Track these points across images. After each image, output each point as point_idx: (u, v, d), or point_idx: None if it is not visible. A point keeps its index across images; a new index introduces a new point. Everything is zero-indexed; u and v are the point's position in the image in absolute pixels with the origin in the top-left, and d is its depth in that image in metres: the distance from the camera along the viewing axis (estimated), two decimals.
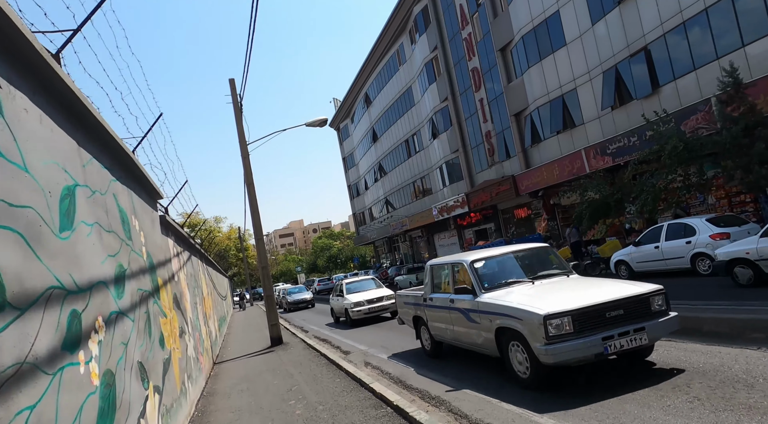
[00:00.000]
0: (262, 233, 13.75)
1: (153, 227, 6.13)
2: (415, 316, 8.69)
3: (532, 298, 5.62)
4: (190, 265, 10.07)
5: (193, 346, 8.30)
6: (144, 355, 4.32)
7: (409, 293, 9.35)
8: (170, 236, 7.65)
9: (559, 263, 6.97)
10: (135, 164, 4.98)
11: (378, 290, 16.12)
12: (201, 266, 13.31)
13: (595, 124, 19.83)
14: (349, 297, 15.86)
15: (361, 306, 15.11)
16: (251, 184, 13.80)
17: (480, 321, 6.16)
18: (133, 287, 4.34)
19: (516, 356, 5.59)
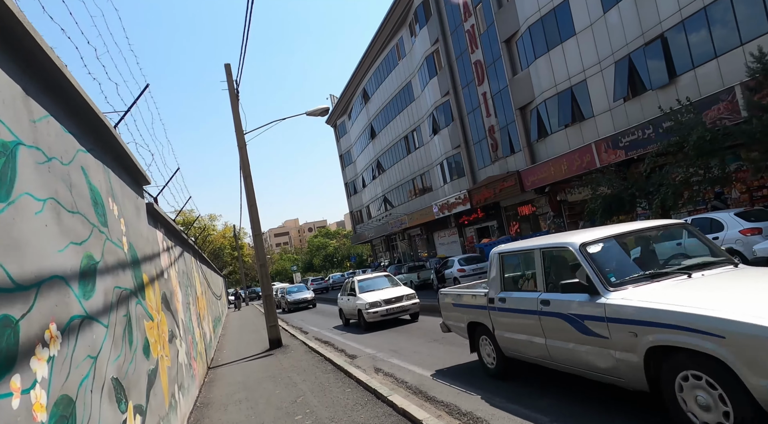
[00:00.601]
0: (260, 228, 12.89)
1: (138, 216, 5.27)
2: (473, 322, 6.51)
3: (725, 300, 3.46)
4: (182, 261, 9.21)
5: (186, 351, 7.45)
6: (122, 369, 3.48)
7: (460, 291, 7.11)
8: (159, 228, 6.79)
9: (711, 247, 4.91)
10: (113, 136, 4.13)
11: (395, 289, 14.29)
12: (194, 264, 12.44)
13: (606, 116, 19.08)
14: (362, 297, 13.97)
15: (378, 307, 13.29)
16: (248, 176, 12.93)
17: (609, 335, 4.05)
18: (108, 285, 3.49)
19: (696, 398, 3.41)
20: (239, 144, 12.97)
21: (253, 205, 12.84)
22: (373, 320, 13.32)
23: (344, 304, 15.47)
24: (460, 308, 6.91)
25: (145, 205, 5.83)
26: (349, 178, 56.37)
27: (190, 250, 11.71)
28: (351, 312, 14.74)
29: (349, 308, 14.80)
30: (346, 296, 15.42)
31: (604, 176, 16.70)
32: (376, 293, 14.03)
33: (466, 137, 29.96)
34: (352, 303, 14.54)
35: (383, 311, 13.24)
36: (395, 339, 11.20)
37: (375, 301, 13.38)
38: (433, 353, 8.71)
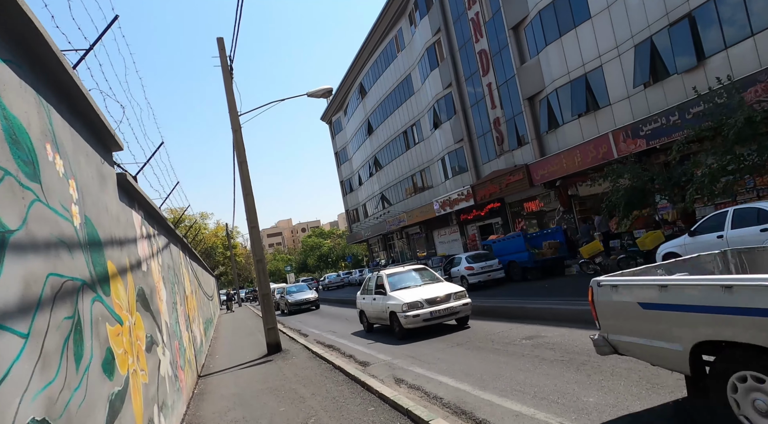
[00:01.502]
0: (256, 219, 11.60)
1: (103, 186, 3.99)
2: (709, 343, 3.46)
3: None
4: (167, 254, 7.91)
5: (170, 360, 6.16)
6: (54, 403, 2.21)
7: (671, 279, 3.80)
8: (137, 209, 5.50)
9: None
10: (56, 59, 2.85)
11: (439, 285, 11.21)
12: (183, 259, 11.13)
13: (624, 104, 17.96)
14: (396, 295, 10.86)
15: (418, 309, 10.21)
16: (244, 162, 11.63)
17: None
18: (34, 270, 2.23)
19: None
20: (233, 127, 11.68)
21: (249, 195, 11.55)
22: (412, 325, 10.25)
23: (368, 305, 12.49)
24: (671, 314, 3.65)
25: (116, 176, 4.55)
26: (345, 176, 55.07)
27: (179, 243, 10.41)
28: (378, 315, 11.85)
29: (376, 310, 11.88)
30: (370, 296, 12.40)
31: (626, 166, 15.57)
32: (413, 291, 10.96)
33: (469, 131, 28.78)
34: (380, 304, 11.57)
35: (426, 315, 10.18)
36: (410, 344, 9.94)
37: (415, 301, 10.35)
38: (461, 360, 7.48)
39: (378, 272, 12.55)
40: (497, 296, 15.20)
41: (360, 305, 13.32)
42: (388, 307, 10.97)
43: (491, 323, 10.66)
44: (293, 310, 24.10)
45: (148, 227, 6.14)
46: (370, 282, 12.71)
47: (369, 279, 12.90)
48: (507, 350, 7.61)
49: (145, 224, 5.88)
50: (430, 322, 10.30)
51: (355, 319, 14.78)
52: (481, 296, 15.39)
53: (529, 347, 7.48)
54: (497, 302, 12.80)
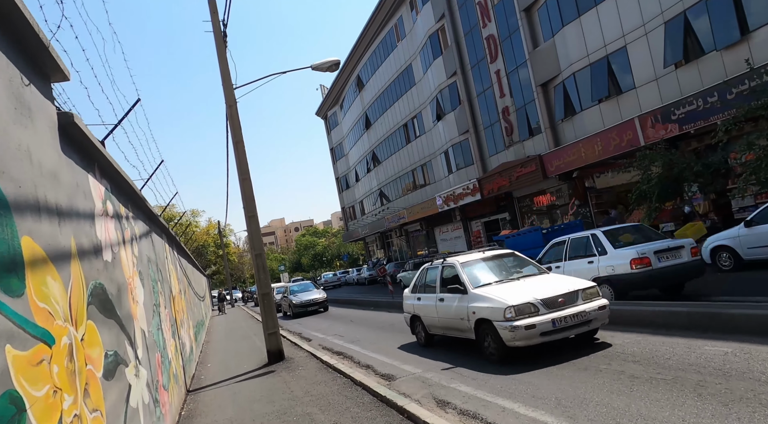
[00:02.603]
0: (255, 207, 10.07)
1: (23, 119, 2.47)
2: None
3: None
4: (148, 245, 6.37)
5: (148, 381, 4.64)
6: None
7: None
8: (98, 176, 3.98)
9: None
10: None
11: (548, 279, 7.46)
12: (170, 254, 9.58)
13: (652, 87, 16.61)
14: (488, 294, 7.01)
15: (533, 316, 6.35)
16: (240, 142, 10.10)
17: None
18: None
19: None
20: (228, 101, 10.14)
21: (246, 179, 10.02)
22: (523, 341, 6.28)
23: (427, 308, 8.58)
24: None
25: (56, 116, 3.02)
26: (341, 173, 53.51)
27: (164, 234, 8.86)
28: (448, 324, 7.93)
29: (446, 315, 7.92)
30: (431, 295, 8.53)
31: (659, 153, 14.20)
32: (513, 287, 7.10)
33: (475, 122, 27.36)
34: (454, 307, 7.60)
35: (545, 325, 6.24)
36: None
37: (525, 303, 6.42)
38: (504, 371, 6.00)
39: (444, 260, 8.65)
40: None
41: (413, 309, 9.23)
42: (475, 312, 6.97)
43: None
44: (298, 312, 20.96)
45: (117, 204, 4.61)
46: (429, 275, 8.94)
47: (426, 271, 9.13)
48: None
49: (111, 199, 4.35)
50: (550, 337, 6.25)
51: (386, 324, 13.17)
52: None
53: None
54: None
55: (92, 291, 3.14)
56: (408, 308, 9.56)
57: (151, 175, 7.69)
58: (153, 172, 7.78)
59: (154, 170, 7.81)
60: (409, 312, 9.50)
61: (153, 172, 7.78)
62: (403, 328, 11.78)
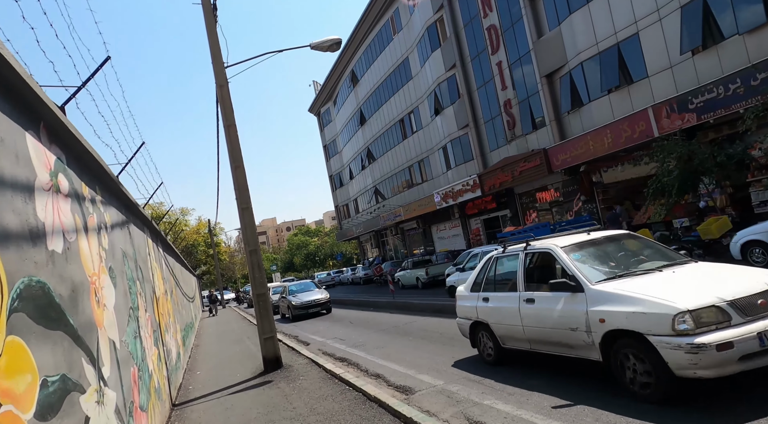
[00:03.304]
0: (249, 198, 9.08)
1: None
2: None
3: None
4: (124, 238, 5.38)
5: (118, 405, 3.68)
6: None
7: None
8: (45, 139, 3.00)
9: None
10: None
11: (719, 271, 5.08)
12: (155, 250, 8.57)
13: (666, 75, 15.81)
14: (639, 292, 4.51)
15: (731, 328, 4.01)
16: (232, 125, 9.11)
17: None
18: None
19: None
20: (218, 81, 9.15)
21: (239, 167, 9.03)
22: (714, 369, 3.96)
23: (505, 313, 6.18)
24: None
25: None
26: (334, 171, 52.47)
27: (146, 228, 7.85)
28: (548, 336, 5.50)
29: (542, 323, 5.55)
30: (512, 294, 6.11)
31: (678, 143, 13.39)
32: (670, 280, 4.76)
33: (475, 115, 26.49)
34: (556, 311, 5.31)
35: (749, 342, 3.94)
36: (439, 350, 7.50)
37: (707, 306, 4.13)
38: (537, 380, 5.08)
39: (527, 245, 6.21)
40: None
41: (475, 313, 6.83)
42: (604, 319, 4.61)
43: None
44: (299, 314, 19.02)
45: (77, 182, 3.63)
46: (503, 266, 6.69)
47: (495, 262, 6.81)
48: None
49: (67, 173, 3.36)
50: (753, 363, 3.96)
51: (390, 327, 12.21)
52: None
53: None
54: None
55: (21, 293, 2.17)
56: (466, 313, 7.16)
57: (131, 159, 6.69)
58: (133, 155, 6.78)
59: (134, 153, 6.81)
60: (467, 318, 7.12)
61: (133, 155, 6.78)
62: (410, 331, 10.86)
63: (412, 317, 13.09)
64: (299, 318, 18.83)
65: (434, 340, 9.27)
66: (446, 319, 11.60)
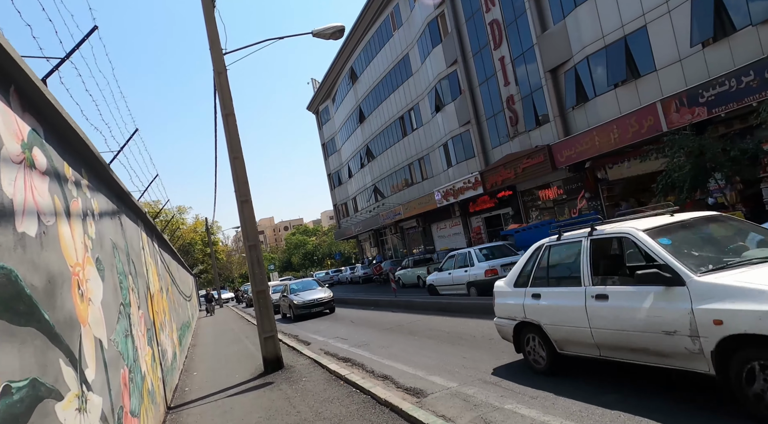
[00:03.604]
0: (248, 191, 8.67)
1: None
2: None
3: None
4: (115, 228, 4.98)
5: (105, 412, 3.28)
6: None
7: None
8: (16, 104, 2.59)
9: None
10: None
11: None
12: (149, 245, 8.15)
13: (675, 69, 15.47)
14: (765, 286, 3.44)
15: None
16: (230, 115, 8.69)
17: None
18: None
19: None
20: (216, 68, 8.74)
21: (237, 158, 8.63)
22: None
23: (566, 312, 5.13)
24: None
25: None
26: (333, 169, 52.04)
27: (140, 221, 7.43)
28: (630, 340, 4.42)
29: (623, 324, 4.44)
30: (576, 289, 5.01)
31: (690, 138, 13.02)
32: None
33: (476, 112, 26.12)
34: (643, 310, 4.21)
35: None
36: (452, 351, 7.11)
37: None
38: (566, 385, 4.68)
39: (592, 230, 5.10)
40: None
41: (523, 312, 5.72)
42: (723, 320, 3.59)
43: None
44: (301, 314, 17.95)
45: (58, 160, 3.22)
46: (557, 255, 5.72)
47: (549, 251, 5.72)
48: None
49: (45, 149, 2.96)
50: None
51: (394, 326, 11.77)
52: None
53: None
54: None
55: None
56: (509, 312, 5.97)
57: (124, 146, 6.28)
58: (126, 142, 6.37)
59: (127, 140, 6.41)
60: (512, 318, 5.91)
61: (126, 142, 6.37)
62: (415, 330, 10.46)
63: (416, 316, 12.70)
64: (301, 318, 17.85)
65: (442, 339, 8.88)
66: (451, 318, 11.23)
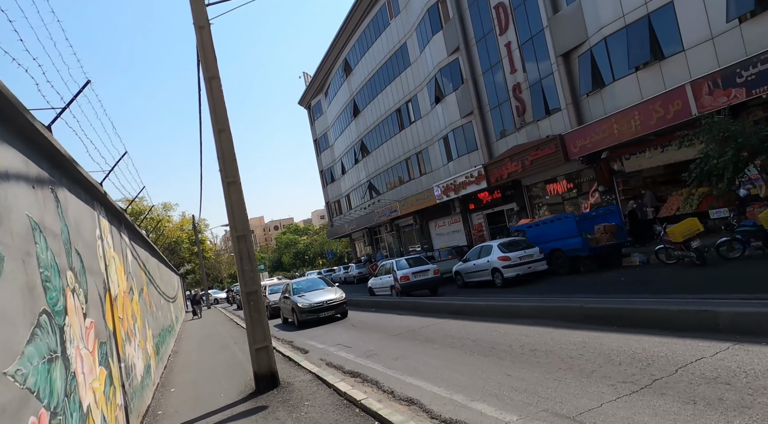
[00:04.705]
0: (236, 170, 7.13)
1: None
2: None
3: None
4: (38, 200, 3.44)
5: None
6: None
7: None
8: None
9: None
10: None
11: None
12: (112, 236, 6.59)
13: (706, 47, 14.18)
14: None
15: None
16: (215, 79, 7.14)
17: None
18: None
19: None
20: (197, 22, 7.20)
21: (223, 130, 7.09)
22: None
23: None
24: None
25: None
26: (325, 165, 50.41)
27: (98, 203, 5.88)
28: None
29: None
30: None
31: (729, 121, 11.70)
32: None
33: (480, 102, 24.73)
34: None
35: None
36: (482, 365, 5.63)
37: None
38: None
39: None
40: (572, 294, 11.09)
41: None
42: None
43: None
44: (307, 320, 14.63)
45: None
46: None
47: None
48: None
49: None
50: None
51: (403, 330, 10.33)
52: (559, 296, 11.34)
53: None
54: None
55: None
56: None
57: (73, 99, 4.73)
58: (75, 95, 4.82)
59: (78, 93, 4.86)
60: None
61: (75, 95, 4.82)
62: (430, 336, 8.99)
63: (427, 320, 11.24)
64: (307, 324, 14.68)
65: (470, 349, 7.41)
66: (469, 322, 9.78)
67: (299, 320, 14.78)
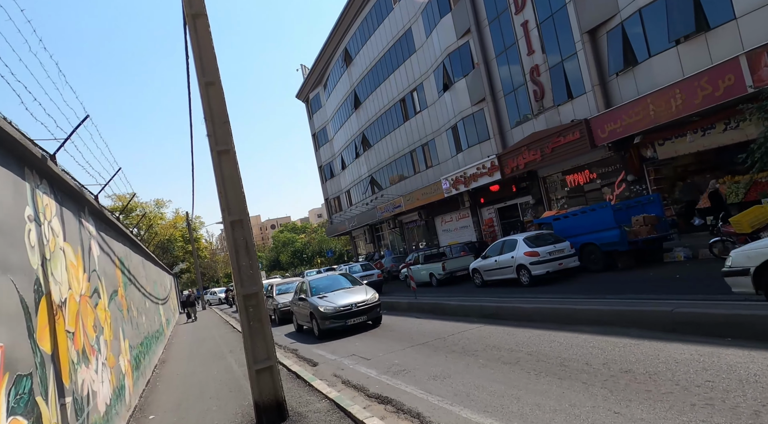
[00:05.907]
0: (230, 137, 5.44)
1: None
2: None
3: None
4: None
5: None
6: None
7: None
8: None
9: None
10: None
11: None
12: (59, 217, 4.90)
13: (762, 14, 12.57)
14: None
15: None
16: (201, 17, 5.46)
17: None
18: None
19: None
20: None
21: (212, 83, 5.37)
22: None
23: None
24: None
25: None
26: (325, 160, 48.66)
27: (32, 169, 4.18)
28: None
29: None
30: None
31: None
32: None
33: (492, 88, 23.07)
34: None
35: None
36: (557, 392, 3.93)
37: None
38: None
39: None
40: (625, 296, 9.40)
41: None
42: None
43: None
44: (332, 328, 11.22)
45: None
46: None
47: None
48: None
49: None
50: None
51: (432, 337, 8.68)
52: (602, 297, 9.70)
53: None
54: None
55: None
56: None
57: None
58: None
59: None
60: None
61: None
62: (468, 347, 7.34)
63: (456, 325, 9.59)
64: (330, 334, 11.28)
65: (532, 367, 5.75)
66: (514, 328, 8.13)
67: (321, 328, 11.33)
